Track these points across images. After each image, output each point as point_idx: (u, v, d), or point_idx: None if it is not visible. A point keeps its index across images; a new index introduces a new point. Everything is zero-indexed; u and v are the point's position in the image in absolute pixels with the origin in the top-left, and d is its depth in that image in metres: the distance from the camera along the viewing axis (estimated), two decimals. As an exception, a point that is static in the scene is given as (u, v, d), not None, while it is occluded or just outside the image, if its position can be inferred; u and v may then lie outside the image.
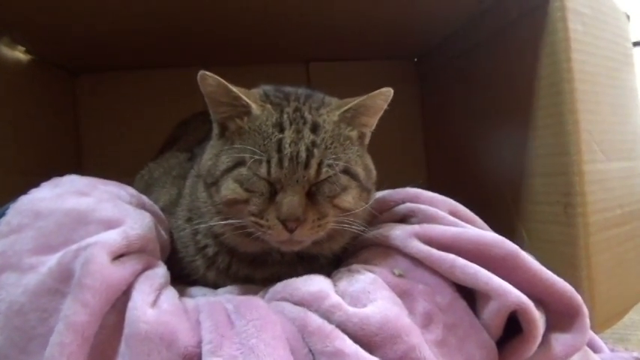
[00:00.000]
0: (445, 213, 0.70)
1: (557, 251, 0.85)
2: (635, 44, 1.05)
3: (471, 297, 0.61)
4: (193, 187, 0.75)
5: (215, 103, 0.66)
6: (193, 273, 0.73)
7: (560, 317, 0.60)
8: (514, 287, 0.57)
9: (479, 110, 1.12)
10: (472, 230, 0.65)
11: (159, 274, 0.58)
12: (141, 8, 0.93)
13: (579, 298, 0.59)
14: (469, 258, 0.60)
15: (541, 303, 0.60)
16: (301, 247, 0.65)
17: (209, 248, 0.71)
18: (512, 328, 0.58)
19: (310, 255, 0.70)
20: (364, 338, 0.51)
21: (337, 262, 0.72)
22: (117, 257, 0.54)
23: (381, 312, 0.53)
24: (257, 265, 0.70)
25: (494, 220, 0.74)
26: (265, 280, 0.68)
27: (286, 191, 0.61)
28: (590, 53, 0.85)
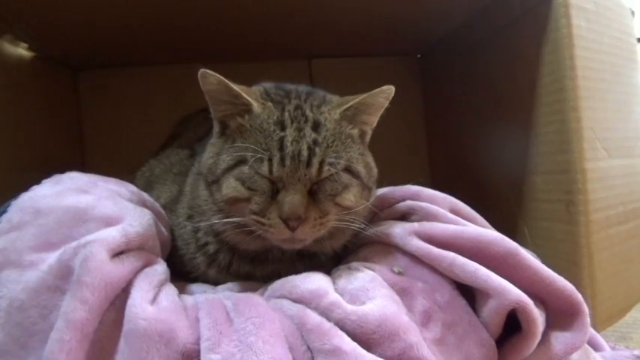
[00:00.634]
0: (446, 211, 0.70)
1: (558, 249, 0.84)
2: (639, 40, 1.04)
3: (471, 295, 0.61)
4: (194, 185, 0.75)
5: (216, 102, 0.66)
6: (194, 270, 0.73)
7: (560, 315, 0.59)
8: (514, 285, 0.57)
9: (481, 107, 1.12)
10: (472, 228, 0.65)
11: (158, 272, 0.58)
12: (142, 4, 0.93)
13: (579, 297, 0.59)
14: (469, 256, 0.60)
15: (541, 301, 0.59)
16: (302, 246, 0.65)
17: (210, 246, 0.71)
18: (511, 327, 0.58)
19: (310, 252, 0.70)
20: (362, 336, 0.51)
21: (337, 260, 0.72)
22: (116, 254, 0.54)
23: (380, 310, 0.53)
24: (257, 263, 0.70)
25: (495, 218, 0.74)
26: (265, 277, 0.69)
27: (288, 190, 0.61)
28: (593, 50, 0.84)
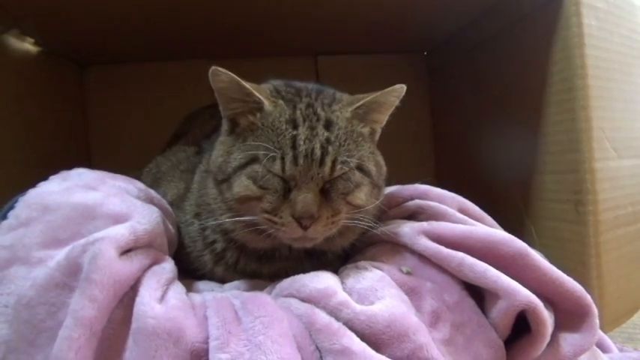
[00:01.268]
0: (454, 210, 0.70)
1: (566, 249, 0.84)
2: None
3: (480, 295, 0.60)
4: (202, 183, 0.75)
5: (226, 99, 0.65)
6: (201, 267, 0.73)
7: (569, 317, 0.59)
8: (523, 286, 0.56)
9: (489, 105, 1.11)
10: (481, 228, 0.65)
11: (166, 269, 0.58)
12: (149, 0, 0.93)
13: (589, 298, 0.59)
14: (478, 256, 0.59)
15: (550, 302, 0.59)
16: (313, 244, 0.64)
17: (217, 244, 0.71)
18: (520, 328, 0.58)
19: (318, 251, 0.70)
20: (372, 336, 0.51)
21: (345, 258, 0.72)
22: (124, 252, 0.54)
23: (389, 310, 0.53)
24: (265, 261, 0.70)
25: (503, 218, 0.73)
26: (272, 275, 0.69)
27: (301, 188, 0.60)
28: (604, 49, 0.83)
